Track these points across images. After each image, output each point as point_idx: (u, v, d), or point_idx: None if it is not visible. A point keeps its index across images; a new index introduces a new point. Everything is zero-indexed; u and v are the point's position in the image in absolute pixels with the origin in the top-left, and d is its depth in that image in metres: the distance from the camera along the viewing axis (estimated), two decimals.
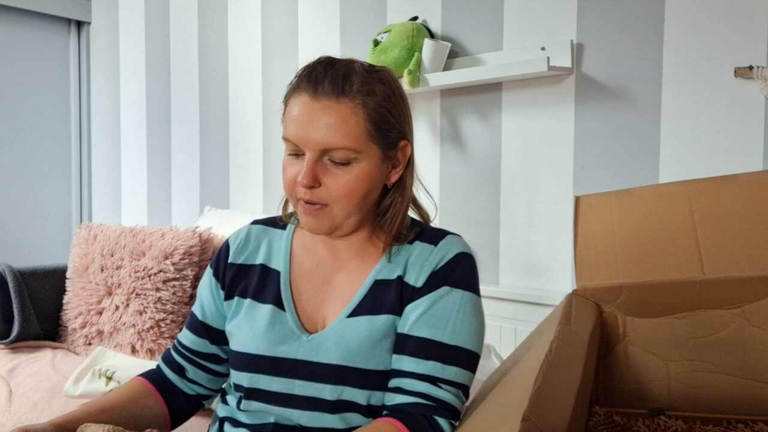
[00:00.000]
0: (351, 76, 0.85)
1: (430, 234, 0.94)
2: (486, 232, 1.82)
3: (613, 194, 1.10)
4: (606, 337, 1.05)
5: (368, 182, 0.86)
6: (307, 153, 0.84)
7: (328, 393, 0.87)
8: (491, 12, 1.78)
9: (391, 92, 0.88)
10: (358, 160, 0.85)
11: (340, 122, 0.83)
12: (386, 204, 0.93)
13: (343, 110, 0.83)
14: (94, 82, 3.20)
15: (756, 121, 1.38)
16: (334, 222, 0.87)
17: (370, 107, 0.84)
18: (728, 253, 0.96)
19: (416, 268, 0.90)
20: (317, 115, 0.83)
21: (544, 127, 1.70)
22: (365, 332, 0.88)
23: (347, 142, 0.83)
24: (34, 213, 3.07)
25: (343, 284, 0.93)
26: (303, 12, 2.30)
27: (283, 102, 0.91)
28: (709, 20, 1.43)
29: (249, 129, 2.49)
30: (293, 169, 0.87)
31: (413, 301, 0.89)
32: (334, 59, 0.88)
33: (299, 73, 0.88)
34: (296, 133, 0.84)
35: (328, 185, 0.85)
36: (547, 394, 0.63)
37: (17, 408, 1.52)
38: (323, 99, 0.83)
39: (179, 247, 1.85)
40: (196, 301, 1.03)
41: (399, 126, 0.89)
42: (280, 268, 0.96)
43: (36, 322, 1.96)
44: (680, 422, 0.93)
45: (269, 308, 0.93)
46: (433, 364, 0.84)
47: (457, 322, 0.87)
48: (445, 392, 0.84)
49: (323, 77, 0.84)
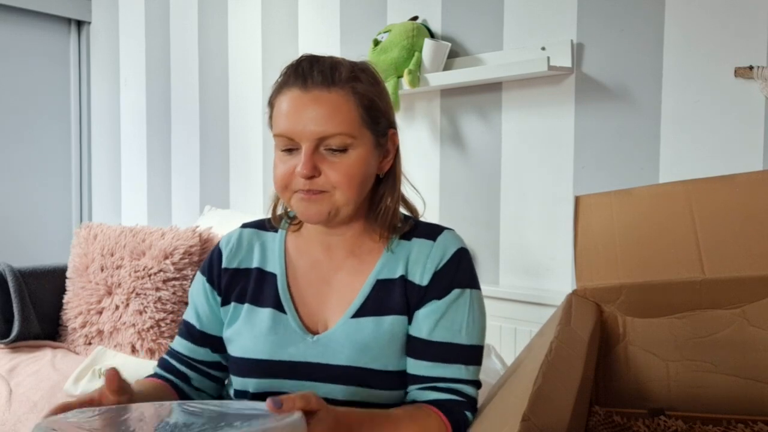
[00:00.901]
0: (338, 66, 0.86)
1: (425, 229, 0.95)
2: (486, 232, 1.82)
3: (613, 194, 1.10)
4: (606, 337, 1.05)
5: (365, 168, 0.87)
6: (304, 144, 0.84)
7: (341, 394, 0.87)
8: (491, 12, 1.78)
9: (375, 81, 0.90)
10: (354, 146, 0.85)
11: (333, 110, 0.84)
12: (379, 194, 0.93)
13: (335, 98, 0.84)
14: (94, 82, 3.20)
15: (756, 121, 1.38)
16: (334, 206, 0.87)
17: (360, 93, 0.86)
18: (728, 253, 0.95)
19: (419, 265, 0.91)
20: (310, 107, 0.84)
21: (544, 127, 1.70)
22: (373, 333, 0.88)
23: (343, 127, 0.84)
24: (34, 213, 3.07)
25: (343, 284, 0.93)
26: (303, 12, 2.29)
27: (269, 103, 0.91)
28: (709, 20, 1.43)
29: (249, 129, 2.49)
30: (287, 164, 0.87)
31: (422, 302, 0.90)
32: (316, 55, 0.89)
33: (284, 71, 0.89)
34: (290, 126, 0.85)
35: (327, 173, 0.85)
36: (547, 394, 0.63)
37: (17, 408, 1.52)
38: (314, 90, 0.84)
39: (179, 247, 1.85)
40: (189, 309, 1.00)
41: (386, 114, 0.91)
42: (276, 271, 0.95)
43: (36, 321, 1.96)
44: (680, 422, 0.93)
45: (269, 311, 0.92)
46: (457, 367, 0.88)
47: (470, 323, 0.90)
48: (470, 388, 0.89)
49: (310, 70, 0.85)
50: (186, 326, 1.00)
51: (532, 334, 1.64)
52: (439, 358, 0.88)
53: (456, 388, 0.88)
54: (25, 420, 1.47)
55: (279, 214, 0.99)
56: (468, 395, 0.88)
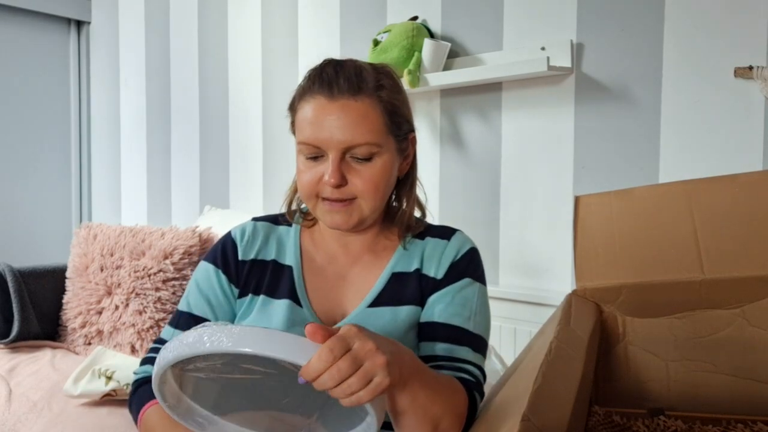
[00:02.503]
0: (362, 72, 0.86)
1: (438, 230, 0.98)
2: (486, 232, 1.82)
3: (613, 194, 1.10)
4: (606, 337, 1.05)
5: (389, 175, 0.89)
6: (330, 153, 0.85)
7: None
8: (491, 12, 1.78)
9: (397, 86, 0.91)
10: (380, 154, 0.87)
11: (360, 119, 0.84)
12: (398, 196, 0.97)
13: (361, 107, 0.84)
14: (94, 82, 3.20)
15: (756, 121, 1.38)
16: (362, 215, 0.89)
17: (385, 101, 0.87)
18: (728, 253, 0.95)
19: (434, 261, 0.93)
20: (336, 115, 0.84)
21: (544, 127, 1.70)
22: (391, 322, 0.90)
23: (370, 137, 0.85)
24: (34, 213, 3.07)
25: (359, 278, 0.94)
26: (303, 12, 2.29)
27: (291, 108, 0.91)
28: (709, 20, 1.43)
29: (249, 129, 2.49)
30: (313, 172, 0.87)
31: (436, 291, 0.92)
32: (340, 60, 0.89)
33: (308, 76, 0.89)
34: (316, 135, 0.85)
35: (353, 182, 0.86)
36: (547, 394, 0.63)
37: (17, 408, 1.52)
38: (340, 98, 0.84)
39: (179, 247, 1.85)
40: (193, 300, 0.96)
41: (408, 118, 0.93)
42: (292, 264, 0.95)
43: (36, 321, 1.96)
44: (680, 422, 0.93)
45: (285, 303, 0.92)
46: (466, 349, 0.89)
47: (477, 314, 0.92)
48: (479, 371, 0.90)
49: (336, 77, 0.85)
50: (190, 318, 0.95)
51: (532, 334, 1.64)
52: (450, 340, 0.89)
53: (467, 368, 0.88)
54: (25, 420, 1.47)
55: (293, 209, 1.00)
56: (477, 377, 0.88)
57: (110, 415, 1.46)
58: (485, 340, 0.93)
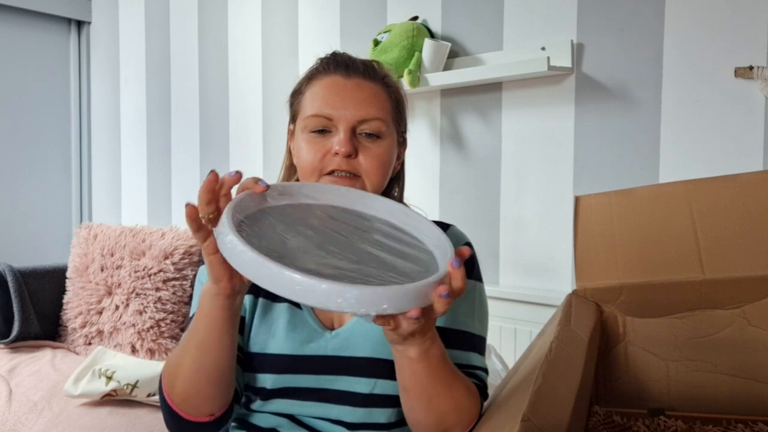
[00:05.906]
0: (372, 63, 0.93)
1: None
2: (486, 232, 1.82)
3: (613, 194, 1.10)
4: (606, 337, 1.05)
5: (391, 158, 0.92)
6: (341, 126, 0.87)
7: (362, 386, 0.87)
8: (491, 12, 1.78)
9: (399, 85, 0.97)
10: (386, 135, 0.90)
11: (373, 96, 0.89)
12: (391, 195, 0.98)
13: (374, 87, 0.90)
14: (94, 82, 3.20)
15: (756, 121, 1.38)
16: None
17: (392, 90, 0.93)
18: (728, 253, 0.95)
19: None
20: (351, 91, 0.88)
21: (544, 127, 1.70)
22: None
23: (381, 113, 0.89)
24: (34, 213, 3.07)
25: None
26: (303, 12, 2.29)
27: (297, 92, 0.94)
28: (709, 20, 1.43)
29: (249, 128, 2.49)
30: (318, 146, 0.88)
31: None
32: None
33: (319, 61, 0.94)
34: (331, 107, 0.87)
35: (360, 158, 0.88)
36: (547, 395, 0.63)
37: (17, 407, 1.52)
38: (355, 77, 0.90)
39: (179, 247, 1.85)
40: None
41: (406, 117, 0.96)
42: None
43: (36, 321, 1.96)
44: (680, 422, 0.93)
45: (286, 306, 0.92)
46: (476, 356, 0.90)
47: (479, 314, 0.93)
48: (484, 374, 0.91)
49: (351, 61, 0.92)
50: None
51: (532, 334, 1.64)
52: (461, 346, 0.89)
53: (478, 374, 0.89)
54: (25, 420, 1.47)
55: None
56: (485, 381, 0.90)
57: (110, 415, 1.46)
58: (485, 338, 0.94)
